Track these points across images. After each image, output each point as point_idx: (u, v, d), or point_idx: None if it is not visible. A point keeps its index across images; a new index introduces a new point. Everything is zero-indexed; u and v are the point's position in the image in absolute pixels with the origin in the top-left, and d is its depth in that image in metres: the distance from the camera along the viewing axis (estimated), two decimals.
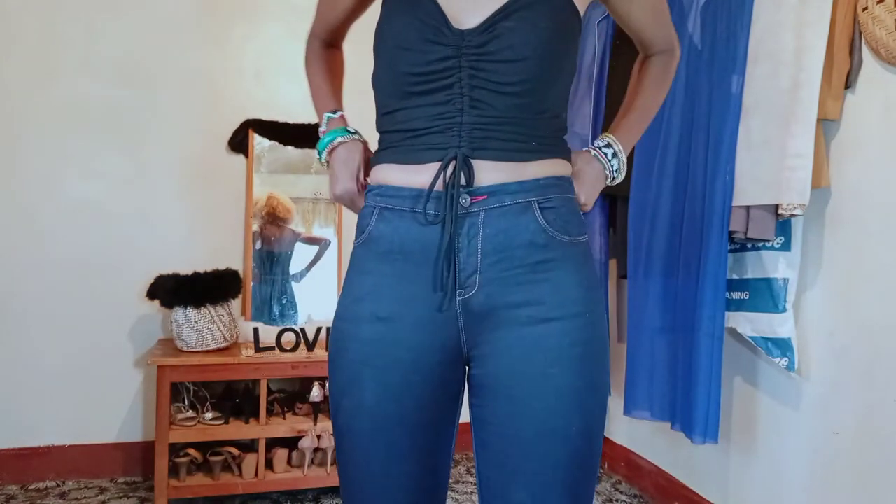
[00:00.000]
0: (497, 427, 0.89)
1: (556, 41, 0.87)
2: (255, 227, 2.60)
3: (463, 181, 0.85)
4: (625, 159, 1.00)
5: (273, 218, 2.62)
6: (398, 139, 0.90)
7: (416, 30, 0.86)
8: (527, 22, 0.85)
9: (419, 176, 0.88)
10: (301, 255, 2.65)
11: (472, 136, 0.86)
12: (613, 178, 1.00)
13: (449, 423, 0.95)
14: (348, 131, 0.99)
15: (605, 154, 0.98)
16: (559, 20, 0.87)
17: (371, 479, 0.91)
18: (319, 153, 1.00)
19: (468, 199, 0.86)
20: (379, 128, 0.95)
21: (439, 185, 0.86)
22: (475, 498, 2.41)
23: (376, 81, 0.94)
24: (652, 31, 1.03)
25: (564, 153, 0.94)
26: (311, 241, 2.66)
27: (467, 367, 0.93)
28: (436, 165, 0.86)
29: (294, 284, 2.64)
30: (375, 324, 0.89)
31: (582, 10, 0.94)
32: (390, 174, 0.91)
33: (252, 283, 2.57)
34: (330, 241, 2.66)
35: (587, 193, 0.96)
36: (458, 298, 0.87)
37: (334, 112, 1.01)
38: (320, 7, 1.08)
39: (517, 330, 0.87)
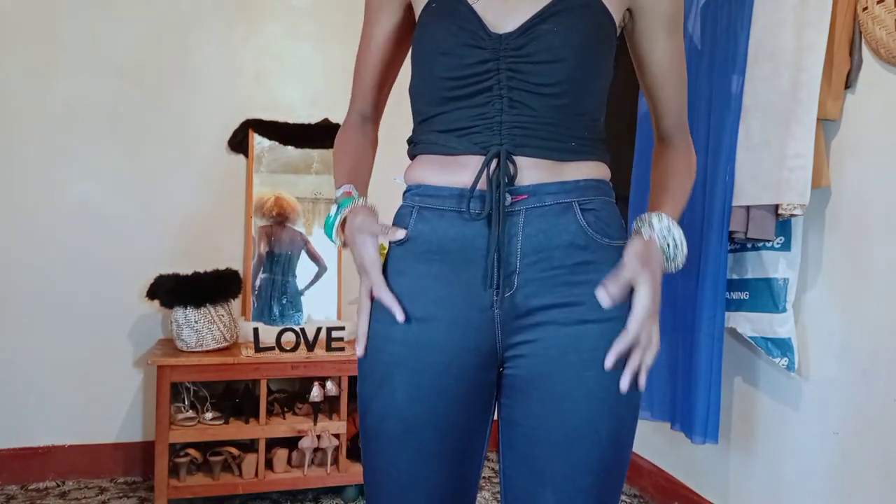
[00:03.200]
0: (526, 428, 0.88)
1: (592, 43, 0.87)
2: (260, 223, 2.60)
3: (506, 178, 0.85)
4: (680, 238, 0.90)
5: (281, 219, 2.62)
6: (436, 139, 0.90)
7: (454, 35, 0.86)
8: (564, 24, 0.85)
9: (460, 175, 0.87)
10: (304, 266, 2.66)
11: (513, 135, 0.85)
12: (669, 264, 0.90)
13: (480, 428, 0.92)
14: (351, 198, 0.94)
15: (665, 240, 0.89)
16: (595, 24, 0.87)
17: (398, 483, 0.89)
18: (329, 235, 0.94)
19: (509, 198, 0.85)
20: (414, 136, 0.95)
21: (482, 184, 0.85)
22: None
23: (413, 90, 0.94)
24: (668, 90, 0.98)
25: (603, 156, 0.93)
26: (313, 257, 2.66)
27: (500, 369, 0.91)
28: (477, 163, 0.86)
29: (294, 284, 2.64)
30: (410, 324, 0.88)
31: (617, 19, 0.91)
32: (429, 174, 0.90)
33: (252, 283, 2.57)
34: (327, 269, 2.66)
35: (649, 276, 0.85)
36: (495, 298, 0.86)
37: (344, 186, 0.96)
38: (355, 76, 1.05)
39: (554, 330, 0.86)
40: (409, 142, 0.96)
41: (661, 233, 0.88)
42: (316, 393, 2.30)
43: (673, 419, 2.06)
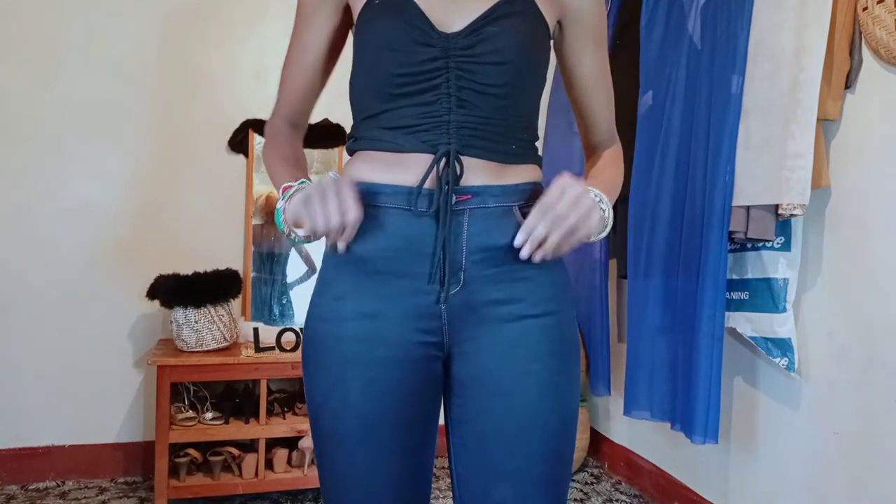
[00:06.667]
0: (478, 425, 0.90)
1: (533, 48, 0.91)
2: (257, 222, 2.60)
3: (453, 178, 0.87)
4: (611, 214, 0.90)
5: (272, 217, 2.62)
6: (381, 136, 0.90)
7: (403, 31, 0.87)
8: (509, 28, 0.88)
9: (407, 173, 0.88)
10: (296, 265, 2.65)
11: (461, 134, 0.87)
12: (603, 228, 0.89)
13: (432, 420, 0.95)
14: (306, 181, 0.90)
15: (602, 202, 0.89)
16: (534, 29, 0.92)
17: (357, 479, 0.90)
18: (279, 223, 0.88)
19: (454, 198, 0.87)
20: (356, 132, 0.95)
21: (429, 182, 0.86)
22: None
23: (356, 86, 0.94)
24: (596, 103, 1.01)
25: (537, 159, 0.97)
26: (307, 259, 2.66)
27: (447, 365, 0.93)
28: (423, 161, 0.87)
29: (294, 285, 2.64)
30: (359, 321, 0.89)
31: (551, 28, 0.95)
32: (373, 172, 0.90)
33: (252, 283, 2.57)
34: (316, 270, 2.66)
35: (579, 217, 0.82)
36: (441, 294, 0.88)
37: (294, 180, 0.91)
38: (284, 83, 1.06)
39: (499, 327, 0.89)
40: (350, 137, 0.96)
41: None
42: None
43: (673, 419, 2.06)
